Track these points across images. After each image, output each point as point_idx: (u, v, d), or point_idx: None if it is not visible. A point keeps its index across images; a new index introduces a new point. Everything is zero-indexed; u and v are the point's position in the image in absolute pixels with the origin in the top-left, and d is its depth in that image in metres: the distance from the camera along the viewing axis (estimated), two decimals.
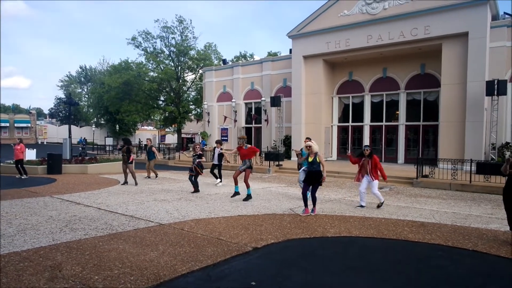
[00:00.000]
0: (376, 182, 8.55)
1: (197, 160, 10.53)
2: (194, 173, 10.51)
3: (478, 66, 16.58)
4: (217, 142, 13.18)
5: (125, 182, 12.24)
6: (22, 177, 14.01)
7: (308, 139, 9.14)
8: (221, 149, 12.87)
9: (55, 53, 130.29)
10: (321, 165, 7.63)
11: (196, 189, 10.52)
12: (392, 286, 4.07)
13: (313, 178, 7.68)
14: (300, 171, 9.65)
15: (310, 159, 7.71)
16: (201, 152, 10.82)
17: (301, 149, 9.66)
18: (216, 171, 13.01)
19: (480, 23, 16.54)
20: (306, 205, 7.73)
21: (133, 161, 12.57)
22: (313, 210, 7.69)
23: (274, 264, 4.69)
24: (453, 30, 17.09)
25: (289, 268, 4.57)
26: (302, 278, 4.25)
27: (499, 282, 4.26)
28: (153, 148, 14.91)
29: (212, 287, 3.93)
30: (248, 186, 9.26)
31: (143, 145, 18.06)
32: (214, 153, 13.17)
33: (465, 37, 16.90)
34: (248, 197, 9.28)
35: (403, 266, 4.75)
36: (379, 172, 8.62)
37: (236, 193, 9.61)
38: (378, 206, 8.61)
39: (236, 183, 9.53)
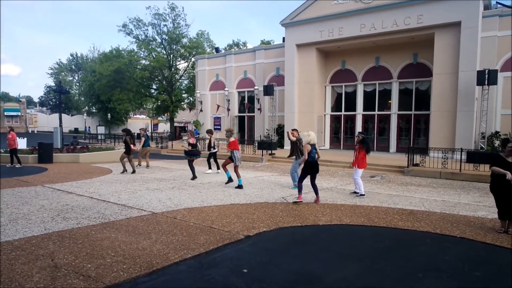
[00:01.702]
0: (359, 170, 8.66)
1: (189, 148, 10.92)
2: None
3: (469, 56, 16.68)
4: (208, 131, 13.41)
5: (124, 170, 12.51)
6: (16, 166, 13.89)
7: (295, 130, 9.36)
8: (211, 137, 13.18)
9: (44, 40, 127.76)
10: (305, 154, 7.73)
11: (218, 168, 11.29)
12: (381, 273, 4.17)
13: (314, 168, 7.80)
14: (295, 162, 9.70)
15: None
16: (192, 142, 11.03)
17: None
18: (211, 160, 13.23)
19: (472, 12, 16.58)
20: (299, 192, 7.83)
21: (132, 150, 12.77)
22: (316, 199, 7.82)
23: (266, 252, 4.76)
24: (446, 20, 17.11)
25: (281, 256, 4.64)
26: (293, 265, 4.32)
27: (485, 268, 4.38)
28: (142, 138, 14.67)
29: (204, 274, 3.98)
30: (225, 171, 10.16)
31: (136, 134, 17.92)
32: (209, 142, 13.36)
33: (458, 27, 16.95)
34: (229, 180, 10.05)
35: (392, 253, 4.85)
36: (363, 160, 8.68)
37: (229, 179, 10.08)
38: (355, 193, 8.74)
39: (225, 170, 10.19)
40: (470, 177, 12.09)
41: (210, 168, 13.19)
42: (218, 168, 12.86)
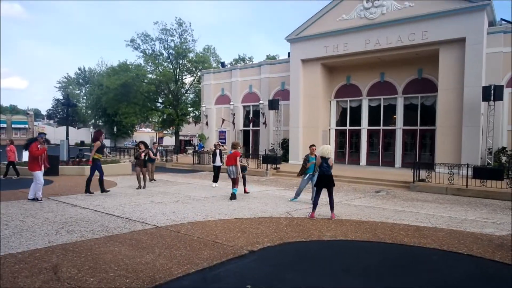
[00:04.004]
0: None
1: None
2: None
3: (475, 72, 16.70)
4: (215, 145, 13.43)
5: (142, 186, 11.97)
6: (13, 178, 14.03)
7: (313, 146, 9.30)
8: (221, 150, 13.16)
9: (52, 54, 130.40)
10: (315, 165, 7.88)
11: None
12: None
13: (323, 181, 7.77)
14: (304, 179, 9.63)
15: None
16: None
17: (307, 155, 9.68)
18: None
19: (477, 29, 16.68)
20: (313, 209, 7.86)
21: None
22: (331, 215, 7.70)
23: (270, 267, 4.70)
24: (450, 36, 17.22)
25: (285, 271, 4.58)
26: (297, 281, 4.26)
27: (493, 286, 4.28)
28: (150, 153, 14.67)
29: None
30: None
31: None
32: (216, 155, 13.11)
33: (462, 43, 17.03)
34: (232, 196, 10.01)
35: (398, 270, 4.77)
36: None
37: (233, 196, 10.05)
38: None
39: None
40: (476, 193, 11.95)
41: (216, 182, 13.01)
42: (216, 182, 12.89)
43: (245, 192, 11.04)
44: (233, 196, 9.85)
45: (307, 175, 9.48)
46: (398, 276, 4.53)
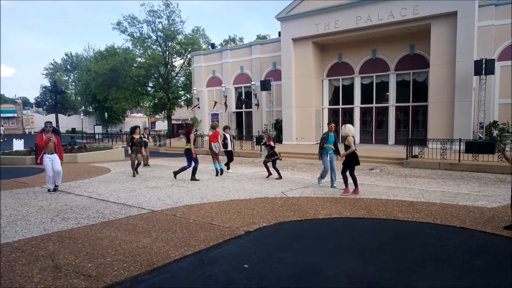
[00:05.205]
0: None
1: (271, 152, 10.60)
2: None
3: (466, 46, 16.64)
4: (225, 128, 12.56)
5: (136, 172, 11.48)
6: None
7: (333, 124, 9.08)
8: (230, 134, 12.44)
9: (38, 42, 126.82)
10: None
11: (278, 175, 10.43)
12: (382, 265, 4.17)
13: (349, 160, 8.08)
14: (326, 159, 8.88)
15: (346, 142, 8.08)
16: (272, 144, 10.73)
17: (325, 133, 8.96)
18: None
19: (468, 2, 16.51)
20: (346, 185, 8.17)
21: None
22: (355, 190, 8.02)
23: (266, 247, 4.75)
24: (442, 10, 17.05)
25: (281, 250, 4.63)
26: (294, 259, 4.31)
27: (485, 257, 4.38)
28: (150, 138, 14.22)
29: (205, 271, 3.97)
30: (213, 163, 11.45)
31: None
32: (226, 139, 12.09)
33: (454, 17, 16.89)
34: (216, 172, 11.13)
35: (392, 245, 4.85)
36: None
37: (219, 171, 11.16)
38: None
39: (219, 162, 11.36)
40: (469, 167, 12.12)
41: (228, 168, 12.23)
42: (228, 168, 12.14)
43: (276, 177, 10.47)
44: (219, 172, 11.04)
45: (328, 154, 8.85)
46: (393, 251, 4.61)
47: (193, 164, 10.22)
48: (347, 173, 8.18)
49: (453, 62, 17.09)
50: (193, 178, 10.13)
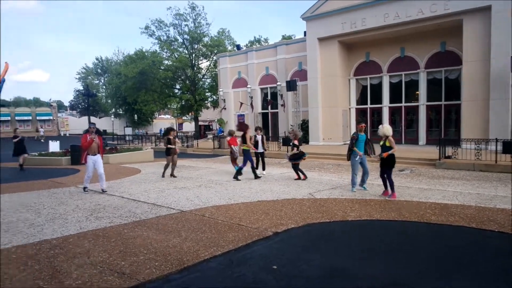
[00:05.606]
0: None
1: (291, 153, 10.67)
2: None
3: (502, 41, 15.87)
4: (257, 128, 12.40)
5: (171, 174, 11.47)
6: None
7: (363, 123, 8.87)
8: (262, 135, 12.04)
9: (70, 46, 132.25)
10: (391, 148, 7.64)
11: (304, 176, 10.44)
12: (413, 269, 4.04)
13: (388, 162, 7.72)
14: (355, 161, 8.47)
15: (381, 143, 7.83)
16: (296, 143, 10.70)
17: (355, 133, 8.67)
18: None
19: None
20: (385, 187, 7.88)
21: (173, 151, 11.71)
22: (392, 195, 7.66)
23: (295, 248, 4.73)
24: (474, 5, 16.34)
25: (310, 252, 4.60)
26: (322, 261, 4.27)
27: None
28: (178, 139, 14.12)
29: (234, 271, 4.00)
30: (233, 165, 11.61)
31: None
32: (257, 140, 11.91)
33: (487, 11, 16.16)
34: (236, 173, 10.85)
35: (425, 249, 4.70)
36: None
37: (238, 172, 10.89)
38: None
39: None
40: (507, 168, 11.53)
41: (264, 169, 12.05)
42: (264, 169, 11.95)
43: (302, 178, 10.44)
44: (238, 173, 10.84)
45: (358, 156, 8.39)
46: (425, 255, 4.46)
47: (249, 164, 10.81)
48: (385, 176, 7.79)
49: (487, 59, 16.34)
50: (236, 176, 10.64)
